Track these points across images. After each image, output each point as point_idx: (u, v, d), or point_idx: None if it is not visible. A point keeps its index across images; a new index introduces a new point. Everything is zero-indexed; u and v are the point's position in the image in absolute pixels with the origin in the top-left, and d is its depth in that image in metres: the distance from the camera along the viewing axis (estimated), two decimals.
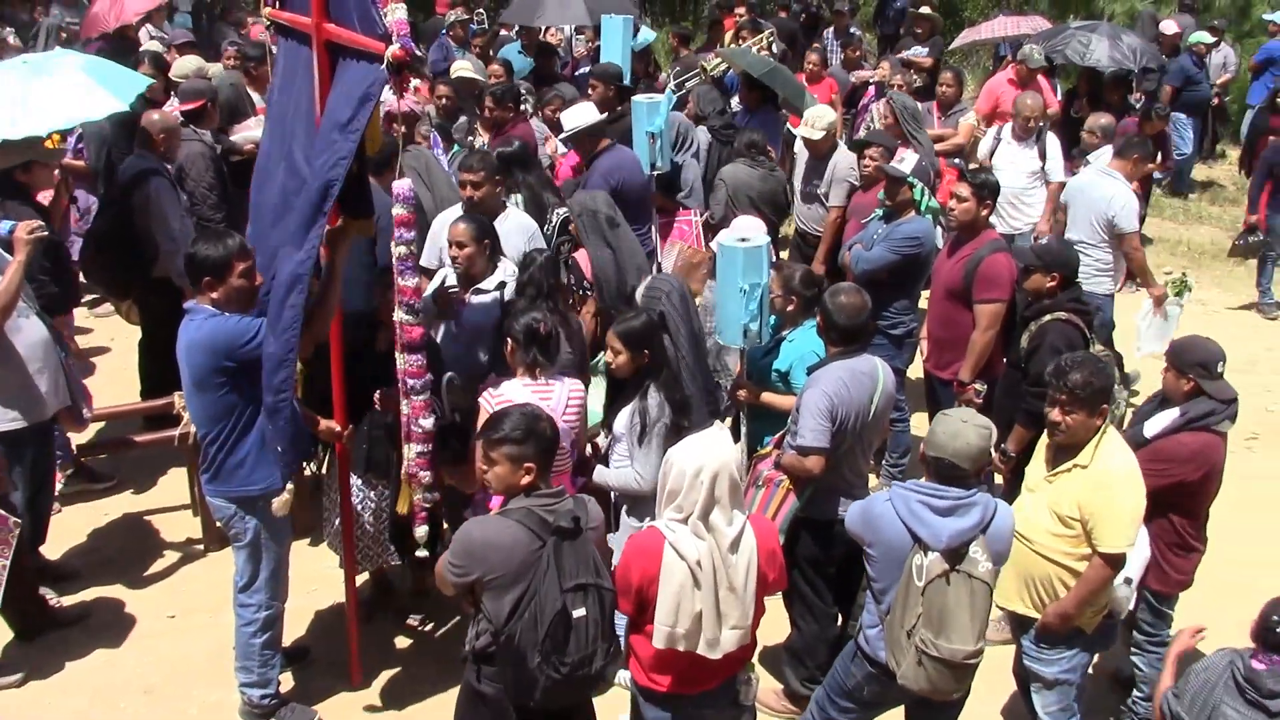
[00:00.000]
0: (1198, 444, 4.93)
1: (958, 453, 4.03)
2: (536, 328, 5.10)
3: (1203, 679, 3.83)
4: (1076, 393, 4.45)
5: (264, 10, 5.13)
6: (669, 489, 3.83)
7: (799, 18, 17.01)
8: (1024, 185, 9.08)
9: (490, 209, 6.38)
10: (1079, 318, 5.87)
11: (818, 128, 8.21)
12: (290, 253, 4.47)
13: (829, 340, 5.19)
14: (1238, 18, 17.19)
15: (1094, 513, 4.39)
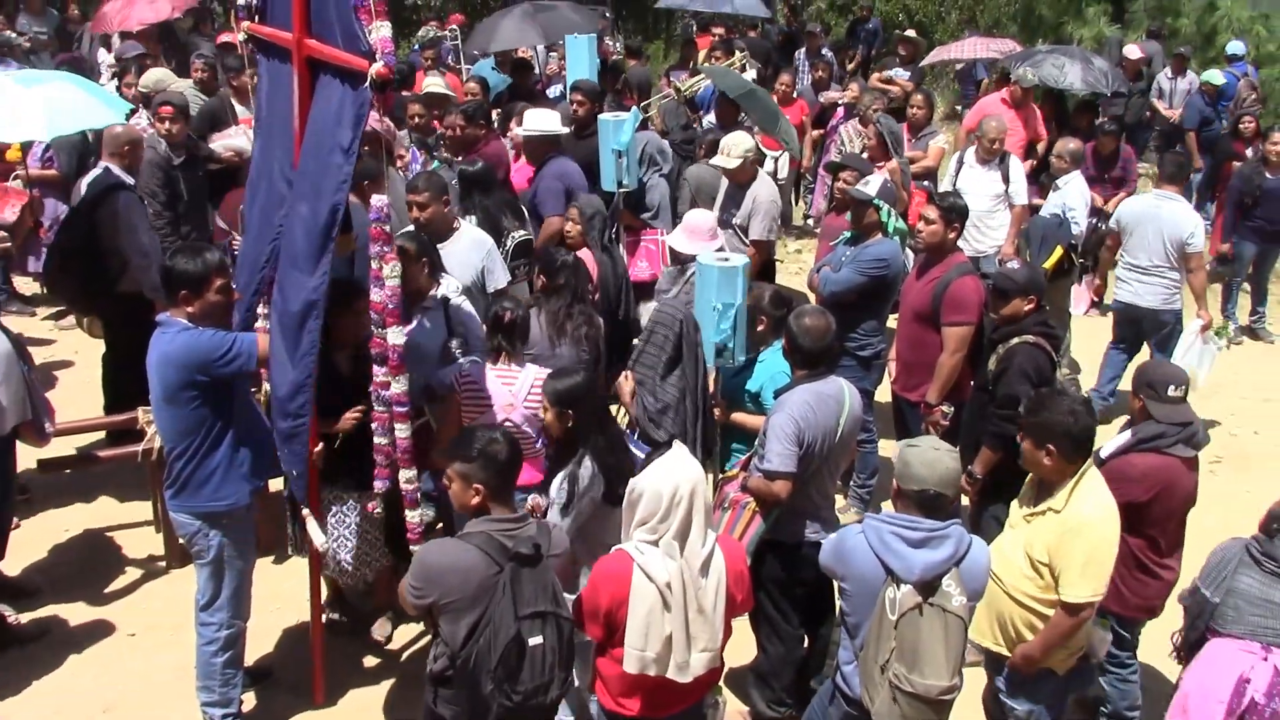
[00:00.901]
0: (1146, 465, 4.96)
1: (940, 480, 4.01)
2: (502, 315, 5.37)
3: (1219, 558, 4.49)
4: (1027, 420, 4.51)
5: (244, 25, 5.10)
6: (639, 515, 3.81)
7: (774, 38, 17.12)
8: (987, 208, 9.13)
9: (439, 228, 6.40)
10: (1046, 341, 5.90)
11: (733, 155, 7.87)
12: (299, 277, 4.44)
13: (794, 362, 5.21)
14: (1203, 45, 17.39)
15: (1061, 559, 4.34)
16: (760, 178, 8.15)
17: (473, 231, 6.59)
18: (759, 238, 7.94)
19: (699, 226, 6.91)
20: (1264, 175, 10.27)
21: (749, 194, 7.98)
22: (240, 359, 4.67)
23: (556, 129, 8.19)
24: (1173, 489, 5.00)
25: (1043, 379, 5.77)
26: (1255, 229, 10.45)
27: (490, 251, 6.57)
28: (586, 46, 9.74)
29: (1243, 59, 14.46)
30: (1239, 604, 4.38)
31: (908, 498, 4.07)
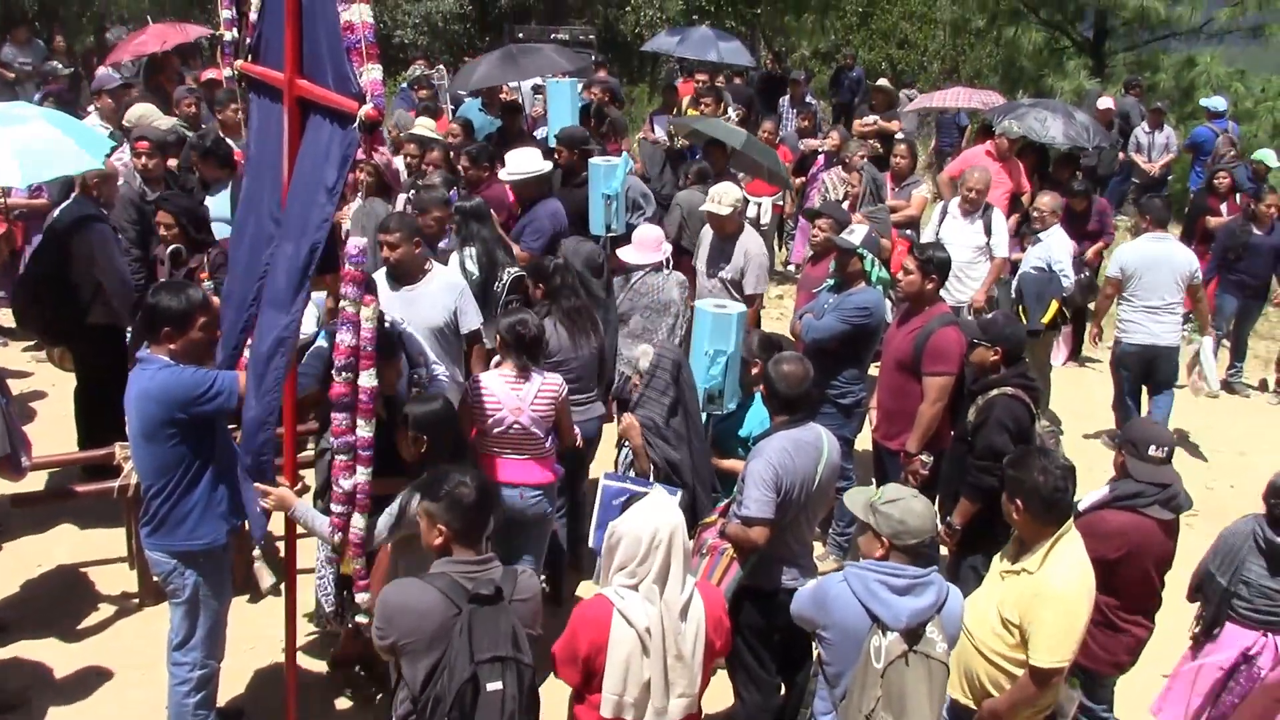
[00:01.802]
0: (1118, 522, 4.98)
1: (922, 528, 4.06)
2: (523, 334, 5.65)
3: (1230, 543, 5.05)
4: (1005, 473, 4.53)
5: (236, 64, 5.12)
6: (619, 559, 3.81)
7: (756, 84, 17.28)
8: (968, 259, 9.20)
9: (410, 269, 6.39)
10: (1025, 393, 5.94)
11: (724, 204, 7.79)
12: (274, 315, 4.44)
13: (771, 408, 5.24)
14: (1180, 99, 17.66)
15: (1030, 622, 4.33)
16: (748, 230, 8.10)
17: (445, 273, 6.60)
18: (754, 292, 7.90)
19: (646, 239, 7.52)
20: (1250, 231, 10.41)
21: (739, 247, 7.91)
22: (221, 397, 4.65)
23: (541, 166, 8.23)
24: (1145, 550, 5.01)
25: (1021, 431, 5.81)
26: (1237, 284, 10.57)
27: (463, 293, 6.54)
28: (568, 90, 9.80)
29: (1224, 115, 14.66)
30: (1249, 592, 4.99)
31: (902, 551, 4.09)
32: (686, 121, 10.73)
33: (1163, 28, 18.48)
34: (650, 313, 7.48)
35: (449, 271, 6.60)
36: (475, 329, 6.53)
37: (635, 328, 7.46)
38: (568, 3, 24.70)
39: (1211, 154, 14.01)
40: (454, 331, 6.47)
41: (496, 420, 5.65)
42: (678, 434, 5.52)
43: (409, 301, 6.31)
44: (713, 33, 17.32)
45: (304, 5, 4.35)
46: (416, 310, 6.27)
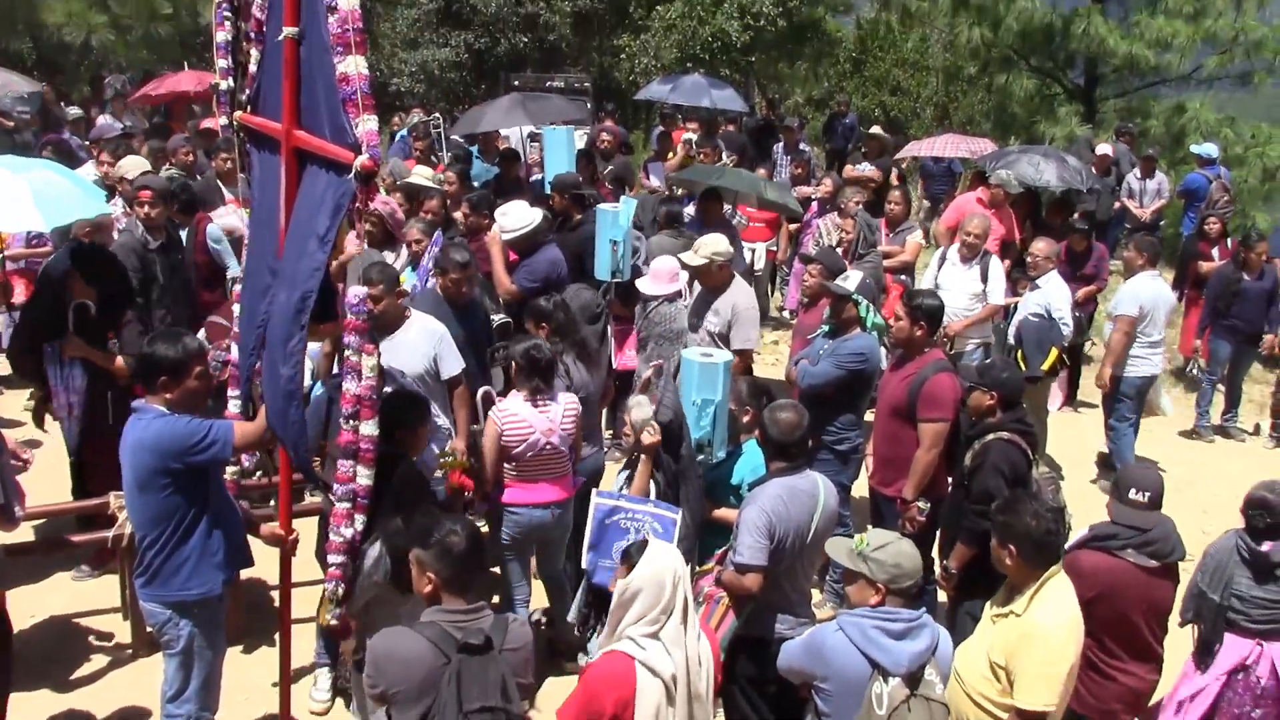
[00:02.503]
0: (1092, 563, 4.99)
1: (915, 569, 4.11)
2: (538, 359, 5.90)
3: (1217, 559, 5.20)
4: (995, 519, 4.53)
5: (236, 116, 5.17)
6: (637, 611, 3.84)
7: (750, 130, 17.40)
8: (965, 305, 9.24)
9: (391, 320, 6.36)
10: (1022, 438, 5.95)
11: (700, 254, 7.67)
12: (274, 367, 4.45)
13: (766, 454, 5.24)
14: (1171, 145, 17.80)
15: (1016, 665, 4.31)
16: (737, 284, 7.87)
17: (424, 320, 6.57)
18: (743, 347, 7.63)
19: (662, 271, 7.80)
20: (1241, 277, 10.47)
21: (727, 302, 7.72)
22: (215, 446, 4.64)
23: (534, 219, 8.28)
24: (1119, 592, 5.00)
25: (1017, 475, 5.81)
26: (1230, 329, 10.61)
27: (443, 339, 6.51)
28: (565, 137, 9.86)
29: (1215, 161, 14.77)
30: (1242, 604, 5.10)
31: (897, 594, 4.11)
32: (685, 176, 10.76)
33: (1152, 74, 18.68)
34: (664, 341, 7.69)
35: (427, 318, 6.58)
36: (456, 374, 6.50)
37: (650, 354, 7.68)
38: (563, 51, 24.91)
39: (1205, 200, 14.09)
40: (435, 378, 6.45)
41: (531, 444, 5.91)
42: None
43: (390, 350, 6.25)
44: (705, 80, 17.47)
45: (301, 57, 4.40)
46: (398, 358, 6.26)
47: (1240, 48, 17.74)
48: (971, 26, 19.28)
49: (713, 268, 7.68)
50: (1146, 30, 17.70)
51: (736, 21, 22.17)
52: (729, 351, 6.35)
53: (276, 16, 4.53)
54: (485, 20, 23.56)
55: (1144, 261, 9.35)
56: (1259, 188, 17.66)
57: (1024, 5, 19.02)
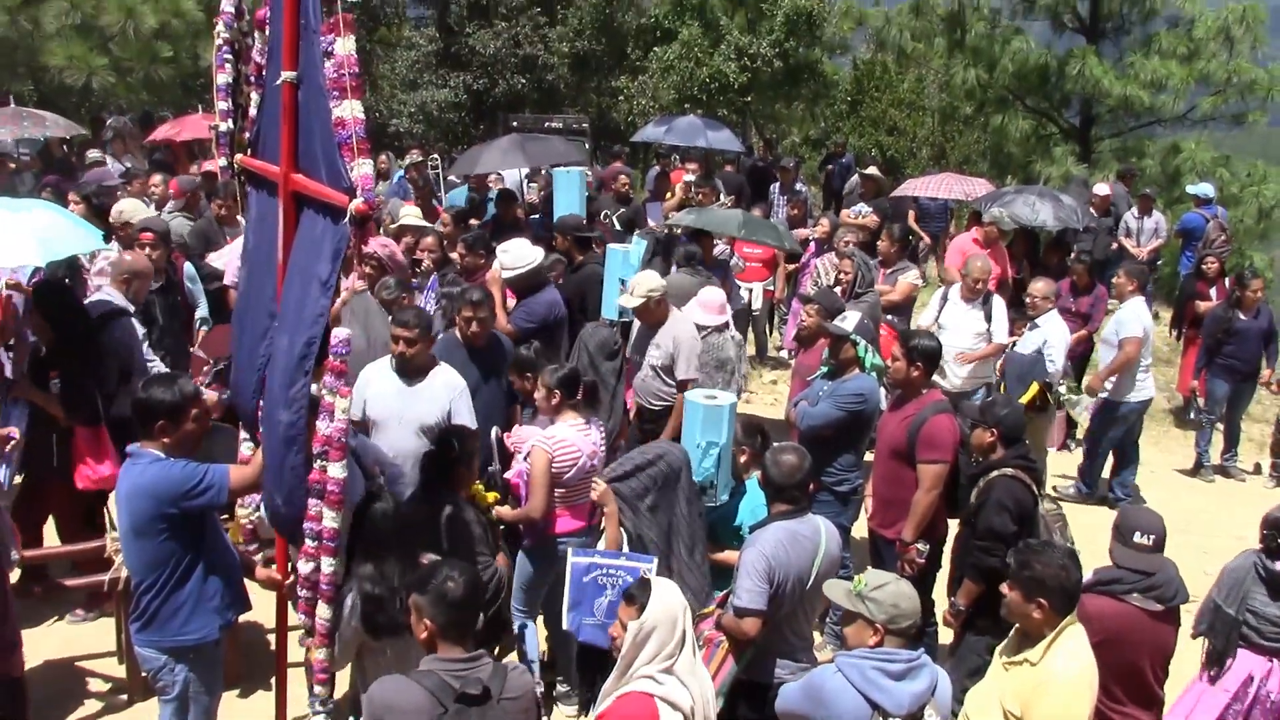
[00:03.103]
0: (1095, 608, 4.94)
1: (913, 609, 4.11)
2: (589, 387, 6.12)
3: (1235, 576, 5.42)
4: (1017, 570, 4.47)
5: (237, 159, 5.19)
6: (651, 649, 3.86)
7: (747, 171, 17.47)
8: (969, 345, 9.25)
9: (420, 365, 6.34)
10: (1026, 473, 5.96)
11: (635, 294, 7.61)
12: (276, 411, 4.43)
13: (768, 498, 5.23)
14: (1167, 185, 17.89)
15: (1032, 715, 4.29)
16: (673, 318, 7.79)
17: (447, 372, 6.50)
18: (685, 377, 7.62)
19: (711, 303, 8.11)
20: (1237, 316, 10.49)
21: (667, 335, 7.69)
22: (212, 491, 4.63)
23: (535, 258, 8.29)
24: (1126, 637, 4.98)
25: (1022, 511, 5.82)
26: (1227, 368, 10.62)
27: (461, 394, 6.41)
28: (576, 180, 9.85)
29: (1212, 201, 14.84)
30: (1256, 620, 5.31)
31: (896, 634, 4.10)
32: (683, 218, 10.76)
33: (1147, 115, 18.80)
34: (713, 368, 7.99)
35: (451, 371, 6.52)
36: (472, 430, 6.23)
37: (700, 383, 7.81)
38: (561, 91, 25.08)
39: (1202, 239, 14.14)
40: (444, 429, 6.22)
41: (580, 468, 5.94)
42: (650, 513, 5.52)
43: (408, 396, 6.25)
44: (700, 121, 17.56)
45: (299, 101, 4.41)
46: (413, 406, 6.21)
47: (1234, 88, 17.86)
48: (967, 68, 19.43)
49: (650, 304, 7.64)
50: (1141, 71, 17.84)
51: (734, 63, 22.35)
52: (731, 394, 6.35)
53: (276, 61, 4.56)
54: (484, 61, 23.75)
55: (1134, 288, 9.60)
56: (1255, 227, 17.73)
57: (1019, 46, 19.20)
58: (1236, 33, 17.58)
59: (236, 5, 5.58)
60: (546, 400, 6.10)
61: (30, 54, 14.80)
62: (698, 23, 23.14)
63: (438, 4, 25.32)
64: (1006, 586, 4.52)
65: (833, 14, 24.12)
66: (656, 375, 7.69)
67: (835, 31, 24.70)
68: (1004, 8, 19.91)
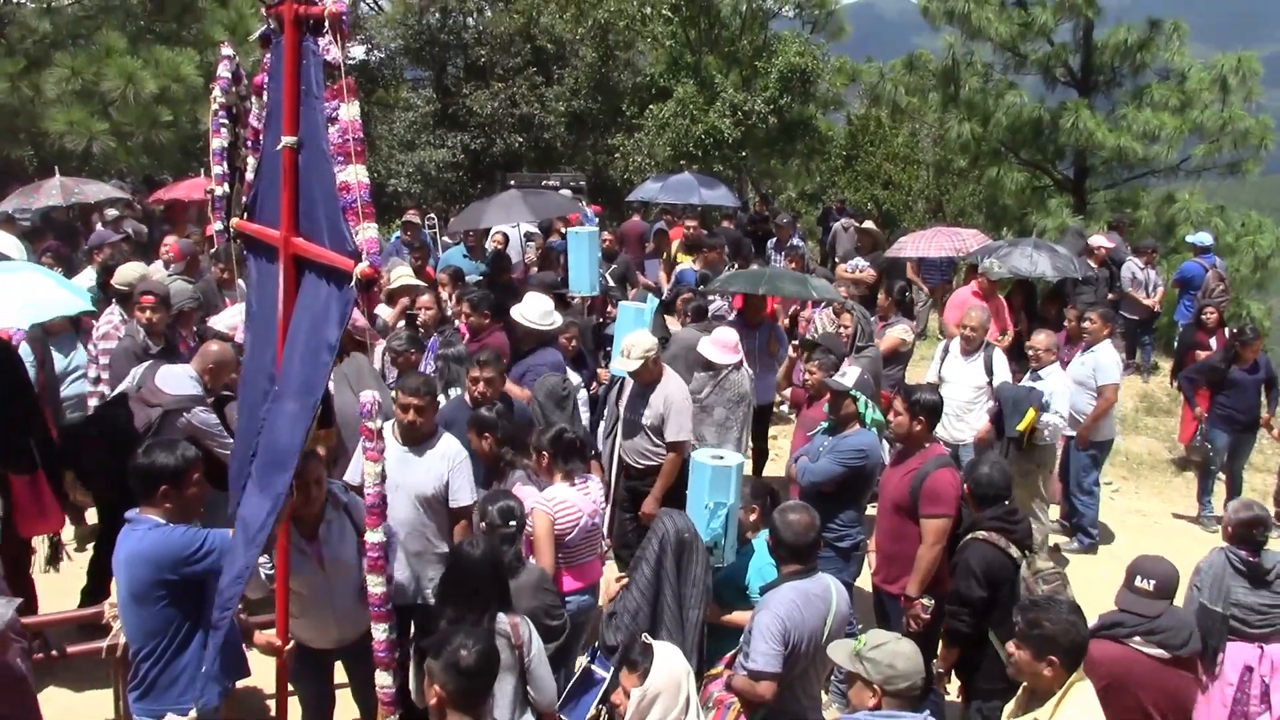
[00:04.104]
0: (1100, 652, 4.94)
1: (911, 670, 4.07)
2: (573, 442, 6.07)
3: (1213, 573, 5.95)
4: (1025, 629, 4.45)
5: (232, 222, 5.20)
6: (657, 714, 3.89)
7: (745, 226, 17.56)
8: (969, 398, 9.22)
9: (422, 434, 6.21)
10: (1003, 535, 5.92)
11: (632, 357, 7.54)
12: (273, 473, 4.42)
13: (779, 558, 5.21)
14: (1163, 235, 17.95)
15: None
16: (668, 377, 7.74)
17: (448, 441, 6.32)
18: (675, 439, 7.53)
19: (726, 342, 8.34)
20: (1229, 368, 10.49)
21: (660, 395, 7.62)
22: (211, 556, 4.60)
23: (551, 322, 8.39)
24: (1131, 682, 4.98)
25: (991, 576, 5.79)
26: (1225, 418, 10.61)
27: (460, 465, 6.23)
28: (587, 241, 9.85)
29: (1210, 250, 14.89)
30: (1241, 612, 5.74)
31: (894, 696, 4.05)
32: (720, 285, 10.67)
33: (1141, 166, 18.89)
34: (732, 404, 8.32)
35: (452, 440, 6.36)
36: (464, 505, 6.14)
37: (719, 418, 8.33)
38: (557, 150, 25.26)
39: (1201, 289, 14.17)
40: (441, 502, 6.15)
41: (582, 527, 6.01)
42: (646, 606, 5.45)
43: (406, 463, 6.10)
44: (694, 178, 17.68)
45: (300, 164, 4.43)
46: (409, 474, 6.07)
47: (1227, 137, 17.96)
48: (961, 122, 19.56)
49: (648, 364, 7.60)
50: (1134, 123, 17.94)
51: (729, 119, 22.55)
52: (738, 455, 6.34)
53: (275, 125, 4.58)
54: (481, 122, 23.94)
55: (1109, 331, 9.82)
56: (1251, 276, 17.76)
57: (1012, 101, 19.34)
58: (1232, 83, 17.72)
59: (233, 70, 5.63)
60: (538, 462, 6.13)
61: (31, 119, 14.91)
62: (693, 80, 23.37)
63: (435, 66, 25.57)
64: (1014, 645, 4.48)
65: (826, 70, 24.37)
66: (646, 434, 7.65)
67: (829, 87, 24.96)
68: (996, 63, 20.08)
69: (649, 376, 7.68)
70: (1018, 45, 19.58)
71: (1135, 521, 10.89)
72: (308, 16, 4.23)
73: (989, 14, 19.03)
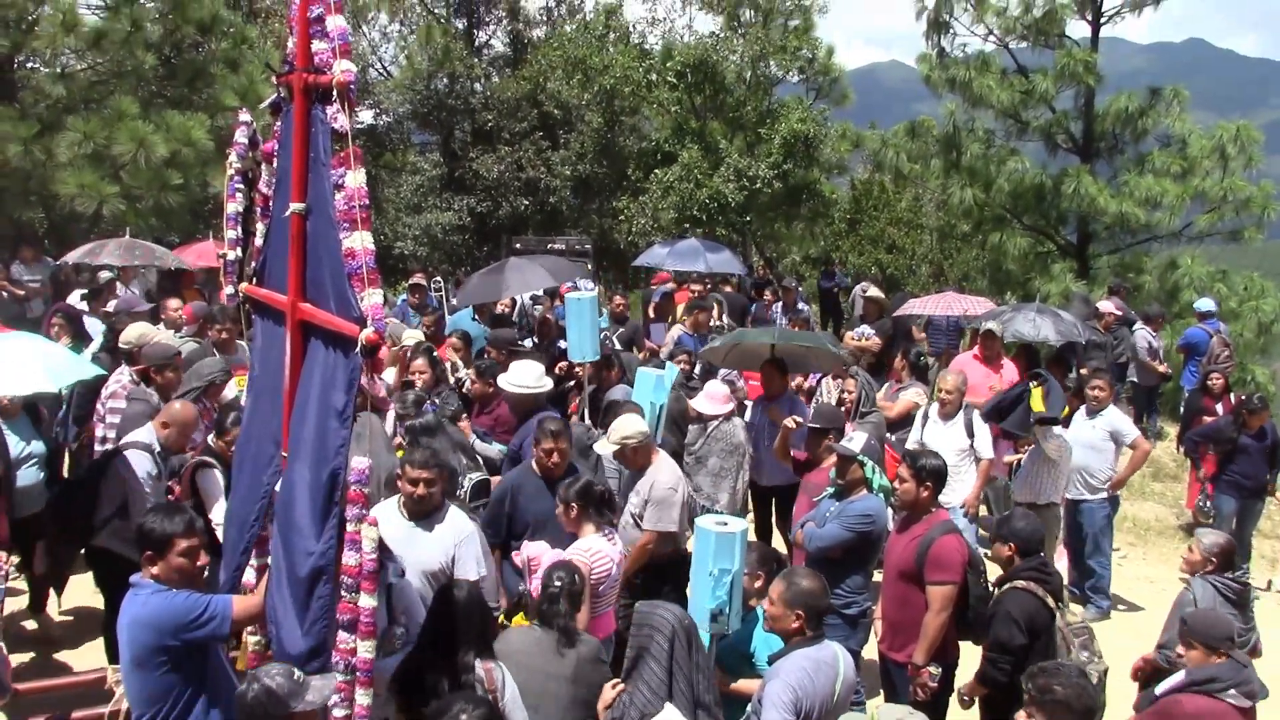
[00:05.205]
0: (1196, 708, 5.06)
1: None
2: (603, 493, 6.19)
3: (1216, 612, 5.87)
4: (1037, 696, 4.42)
5: (240, 287, 5.24)
6: None
7: (749, 291, 17.63)
8: (952, 462, 9.09)
9: (429, 509, 6.09)
10: (1040, 585, 5.97)
11: (612, 440, 7.29)
12: (298, 541, 4.39)
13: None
14: (1166, 300, 17.99)
15: None
16: (658, 464, 7.38)
17: (456, 517, 6.19)
18: (652, 528, 7.14)
19: (716, 394, 8.78)
20: (1239, 432, 10.48)
21: (646, 482, 7.28)
22: (214, 623, 4.56)
23: (542, 386, 8.39)
24: None
25: (1033, 625, 5.85)
26: (1233, 484, 10.59)
27: (467, 539, 6.10)
28: (588, 306, 9.87)
29: (1214, 315, 14.93)
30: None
31: None
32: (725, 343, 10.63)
33: (1144, 231, 19.00)
34: (725, 454, 8.68)
35: (461, 516, 6.23)
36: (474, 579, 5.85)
37: (714, 468, 8.74)
38: (563, 213, 25.43)
39: (1205, 354, 14.18)
40: (449, 577, 5.92)
41: (611, 577, 6.13)
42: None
43: (412, 539, 5.97)
44: (700, 244, 17.77)
45: (308, 231, 4.47)
46: (416, 549, 5.96)
47: (1229, 205, 18.07)
48: (964, 187, 19.71)
49: (626, 451, 7.30)
50: (1136, 189, 18.07)
51: (733, 184, 22.71)
52: (742, 520, 6.32)
53: (284, 192, 4.63)
54: (487, 185, 24.12)
55: (1111, 394, 9.91)
56: (1255, 341, 17.78)
57: (1014, 167, 19.51)
58: (1231, 151, 17.86)
59: (250, 135, 5.69)
60: (566, 514, 6.21)
61: (42, 182, 15.03)
62: (697, 146, 23.57)
63: (442, 130, 25.80)
64: (1025, 715, 4.45)
65: (830, 136, 24.57)
66: (635, 523, 7.29)
67: (833, 153, 25.14)
68: (998, 129, 20.28)
69: (635, 463, 7.39)
70: (1019, 112, 19.79)
71: (1144, 588, 10.80)
72: (316, 85, 4.29)
73: (990, 82, 19.25)
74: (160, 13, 16.47)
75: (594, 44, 25.18)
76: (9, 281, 14.09)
